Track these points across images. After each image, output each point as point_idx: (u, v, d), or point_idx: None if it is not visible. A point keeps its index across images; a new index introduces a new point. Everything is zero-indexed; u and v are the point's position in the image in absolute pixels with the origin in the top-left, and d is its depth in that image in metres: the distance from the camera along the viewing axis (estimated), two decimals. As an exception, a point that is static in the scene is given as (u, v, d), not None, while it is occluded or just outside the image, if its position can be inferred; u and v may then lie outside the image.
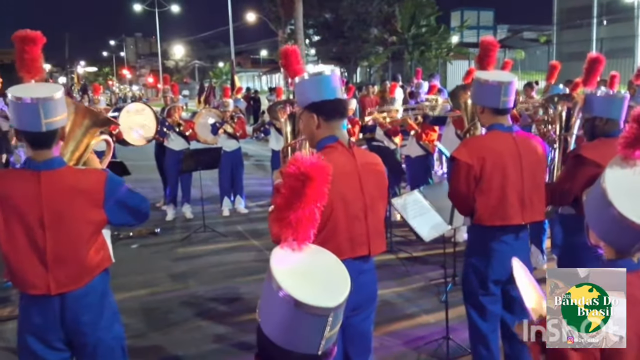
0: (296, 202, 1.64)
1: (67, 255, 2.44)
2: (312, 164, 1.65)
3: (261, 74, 53.94)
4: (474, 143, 3.26)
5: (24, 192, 2.40)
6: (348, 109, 2.70)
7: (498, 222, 3.13)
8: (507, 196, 3.11)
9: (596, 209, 1.76)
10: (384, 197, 2.75)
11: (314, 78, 2.60)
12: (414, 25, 29.11)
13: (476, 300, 3.30)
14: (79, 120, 2.75)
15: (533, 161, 3.18)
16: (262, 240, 7.22)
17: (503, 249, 3.16)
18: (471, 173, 3.10)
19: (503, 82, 3.11)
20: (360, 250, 2.58)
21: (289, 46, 2.93)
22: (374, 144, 6.97)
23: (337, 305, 1.51)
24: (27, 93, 2.36)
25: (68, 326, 2.49)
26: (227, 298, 5.48)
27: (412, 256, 6.40)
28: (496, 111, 3.16)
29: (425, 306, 5.11)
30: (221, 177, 8.62)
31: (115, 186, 2.54)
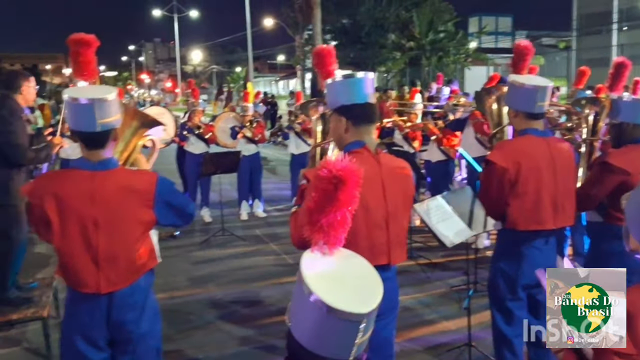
0: (328, 205, 1.64)
1: (118, 255, 2.49)
2: (345, 167, 1.64)
3: (278, 79, 54.11)
4: (509, 147, 3.22)
5: (79, 192, 2.45)
6: (378, 114, 2.68)
7: (533, 226, 3.11)
8: (542, 201, 3.09)
9: (638, 214, 1.74)
10: (408, 206, 2.70)
11: (345, 81, 2.56)
12: (432, 31, 28.98)
13: (503, 305, 3.26)
14: (128, 121, 2.81)
15: (565, 166, 3.16)
16: (281, 244, 7.22)
17: (534, 253, 3.14)
18: (506, 177, 3.08)
19: (539, 87, 3.09)
20: (380, 260, 2.52)
21: (324, 46, 2.91)
22: (393, 148, 6.94)
23: (370, 311, 1.50)
24: (83, 94, 2.42)
25: (113, 324, 2.54)
26: (247, 301, 5.48)
27: (432, 262, 6.36)
28: (530, 115, 3.14)
29: (446, 313, 5.07)
30: (240, 181, 8.65)
31: (165, 187, 2.59)
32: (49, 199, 2.43)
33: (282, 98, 33.98)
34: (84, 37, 2.65)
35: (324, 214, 1.65)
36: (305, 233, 1.72)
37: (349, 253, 1.73)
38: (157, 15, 44.08)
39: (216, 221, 8.12)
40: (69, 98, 2.42)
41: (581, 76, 6.47)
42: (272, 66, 57.30)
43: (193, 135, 8.32)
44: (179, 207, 2.66)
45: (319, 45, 16.80)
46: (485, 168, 3.24)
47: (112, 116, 2.46)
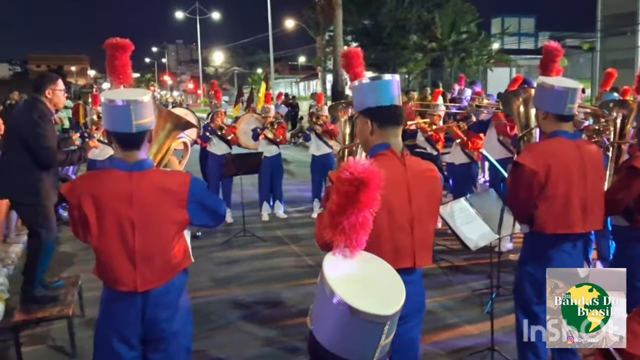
0: (349, 208, 1.64)
1: (154, 254, 2.54)
2: (366, 169, 1.64)
3: (299, 80, 54.23)
4: (538, 149, 3.18)
5: (116, 192, 2.50)
6: (405, 117, 2.66)
7: (562, 229, 3.08)
8: (572, 204, 3.06)
9: None
10: (435, 209, 2.68)
11: (371, 83, 2.56)
12: (454, 32, 28.85)
13: (529, 309, 3.23)
14: (161, 123, 2.87)
15: (595, 169, 3.13)
16: (301, 246, 7.24)
17: (562, 257, 3.11)
18: (536, 179, 3.05)
19: (570, 89, 3.07)
20: (404, 262, 2.50)
21: (352, 48, 2.91)
22: (416, 150, 6.90)
23: (393, 313, 1.50)
24: (119, 96, 2.48)
25: (147, 322, 2.58)
26: (268, 302, 5.50)
27: (455, 265, 6.32)
28: (560, 117, 3.11)
29: (468, 317, 5.02)
30: (261, 182, 8.69)
31: (198, 188, 2.64)
32: (87, 198, 2.48)
33: (303, 99, 34.06)
34: (120, 41, 2.73)
35: (345, 216, 1.65)
36: (327, 235, 1.72)
37: (370, 256, 1.73)
38: (180, 17, 44.51)
39: (238, 222, 8.16)
40: (105, 100, 2.48)
41: (608, 78, 6.38)
42: (292, 67, 57.46)
43: (215, 136, 8.38)
44: (211, 208, 2.69)
45: (340, 46, 16.85)
46: (514, 170, 3.20)
47: (147, 117, 2.51)
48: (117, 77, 2.69)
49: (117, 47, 2.70)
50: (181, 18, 44.82)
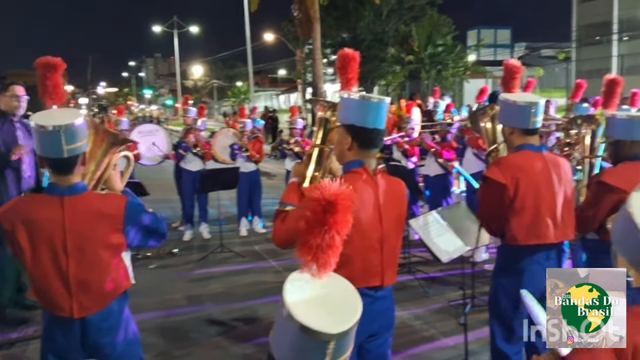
0: (318, 228, 1.65)
1: (89, 280, 2.49)
2: (336, 192, 1.64)
3: (279, 93, 54.29)
4: (506, 163, 3.23)
5: (48, 217, 2.45)
6: (384, 141, 2.68)
7: (533, 241, 3.12)
8: (541, 215, 3.11)
9: (624, 235, 1.72)
10: (401, 227, 2.72)
11: (362, 102, 2.54)
12: (431, 45, 29.16)
13: (504, 321, 3.26)
14: (99, 142, 2.79)
15: (563, 180, 3.18)
16: (280, 261, 7.21)
17: (535, 268, 3.14)
18: (505, 193, 3.10)
19: (532, 103, 3.15)
20: (373, 281, 2.54)
21: (350, 50, 2.85)
22: (391, 163, 6.95)
23: (338, 332, 1.51)
24: (49, 120, 2.41)
25: (89, 348, 2.54)
26: (246, 319, 5.46)
27: (431, 277, 6.34)
28: (526, 131, 3.18)
29: (444, 328, 5.04)
30: (239, 197, 8.66)
31: (135, 210, 2.59)
32: (20, 225, 2.44)
33: (283, 112, 34.07)
34: (51, 60, 2.63)
35: (313, 236, 1.66)
36: (297, 252, 1.73)
37: (336, 277, 1.74)
38: (158, 31, 44.39)
39: (215, 238, 8.12)
40: (35, 125, 2.40)
41: (578, 89, 6.49)
42: (273, 80, 57.55)
43: (190, 153, 8.33)
44: (150, 229, 2.66)
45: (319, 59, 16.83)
46: (484, 185, 3.25)
47: (79, 141, 2.44)
48: (50, 98, 2.61)
49: (48, 67, 2.61)
50: (159, 32, 44.73)
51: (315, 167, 2.89)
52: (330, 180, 2.53)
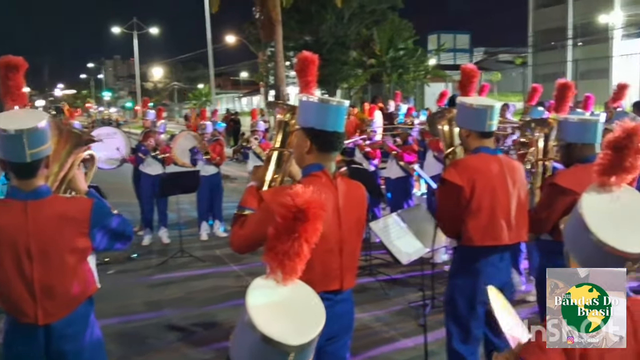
0: (286, 235, 1.62)
1: (55, 286, 2.43)
2: (307, 200, 1.62)
3: (241, 96, 53.95)
4: (463, 165, 3.27)
5: (11, 223, 2.38)
6: (343, 144, 2.67)
7: (489, 242, 3.17)
8: (496, 217, 3.16)
9: (575, 237, 1.75)
10: (361, 231, 2.71)
11: (320, 105, 2.52)
12: (392, 48, 29.47)
13: (460, 322, 3.29)
14: (63, 142, 2.72)
15: (517, 183, 3.24)
16: (241, 265, 7.14)
17: (490, 269, 3.20)
18: (462, 194, 3.14)
19: (488, 106, 3.21)
20: (332, 285, 2.53)
21: (309, 54, 2.81)
22: (353, 166, 6.98)
23: (299, 344, 1.50)
24: (11, 123, 2.32)
25: (53, 355, 2.46)
26: (205, 324, 5.39)
27: (392, 279, 6.38)
28: (482, 134, 3.24)
29: (404, 330, 5.07)
30: (199, 201, 8.55)
31: (101, 213, 2.54)
32: None
33: (245, 114, 33.89)
34: (12, 60, 2.54)
35: (281, 242, 1.64)
36: (263, 257, 1.72)
37: (300, 284, 1.72)
38: (117, 32, 43.62)
39: (174, 242, 8.00)
40: None
41: (533, 93, 6.64)
42: (235, 82, 57.18)
43: (149, 156, 8.18)
44: (117, 232, 2.61)
45: (281, 61, 16.78)
46: (441, 186, 3.29)
47: (43, 145, 2.37)
48: (12, 99, 2.53)
49: (10, 67, 2.53)
50: (118, 33, 43.95)
51: (275, 170, 2.87)
52: (295, 184, 2.54)
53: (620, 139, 1.73)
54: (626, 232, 1.66)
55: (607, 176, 1.76)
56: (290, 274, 1.66)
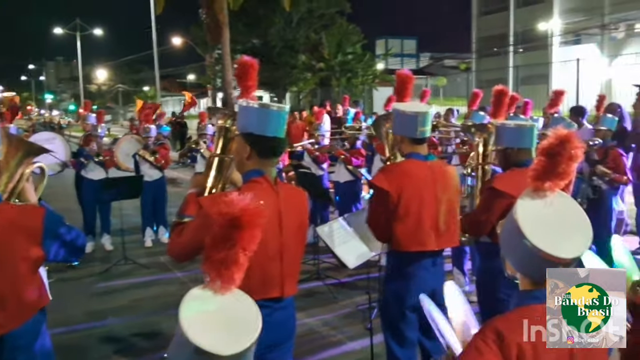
0: (223, 243, 1.59)
1: (6, 295, 2.34)
2: (245, 208, 1.59)
3: (188, 99, 53.17)
4: (392, 170, 3.32)
5: None
6: (285, 149, 2.65)
7: (415, 247, 3.21)
8: (423, 222, 3.20)
9: (510, 241, 1.77)
10: (303, 237, 2.69)
11: (260, 110, 2.47)
12: (341, 53, 29.69)
13: (394, 326, 3.32)
14: (12, 152, 2.64)
15: (447, 188, 3.28)
16: (185, 272, 7.00)
17: (422, 274, 3.23)
18: (389, 200, 3.16)
19: (419, 113, 3.24)
20: (272, 292, 2.49)
21: (248, 58, 2.77)
22: (301, 170, 6.97)
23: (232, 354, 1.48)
24: None
25: None
26: (149, 333, 5.27)
27: (340, 282, 6.39)
28: (414, 140, 3.27)
29: (351, 333, 5.09)
30: (143, 207, 8.34)
31: (53, 222, 2.47)
32: None
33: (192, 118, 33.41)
34: None
35: (218, 251, 1.60)
36: (202, 267, 1.68)
37: (238, 293, 1.69)
38: (59, 33, 42.31)
39: (117, 249, 7.78)
40: None
41: (474, 98, 6.80)
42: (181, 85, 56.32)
43: (92, 161, 7.93)
44: (69, 242, 2.54)
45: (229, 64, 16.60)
46: (372, 192, 3.32)
47: None
48: None
49: None
50: (61, 34, 42.64)
51: (216, 177, 2.83)
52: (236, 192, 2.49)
53: (554, 145, 1.77)
54: (559, 238, 1.69)
55: (541, 182, 1.79)
56: (228, 282, 1.64)
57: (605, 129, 6.03)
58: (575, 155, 1.77)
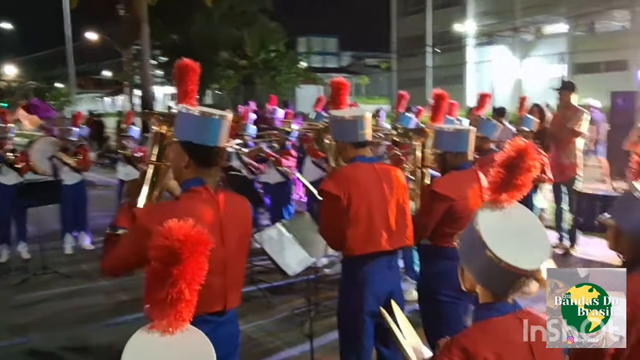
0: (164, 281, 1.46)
1: None
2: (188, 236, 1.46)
3: (104, 95, 51.20)
4: (339, 175, 3.30)
5: None
6: (224, 158, 2.53)
7: (368, 249, 3.20)
8: (375, 223, 3.20)
9: (471, 252, 1.78)
10: (246, 247, 2.60)
11: (202, 119, 2.34)
12: (264, 50, 29.55)
13: (350, 334, 3.29)
14: None
15: (395, 189, 3.30)
16: (112, 280, 6.68)
17: (377, 278, 3.23)
18: (339, 204, 3.15)
19: (359, 117, 3.27)
20: (215, 306, 2.39)
21: (188, 61, 2.62)
22: (231, 173, 6.82)
23: None
24: None
25: None
26: (75, 347, 5.00)
27: (274, 286, 6.31)
28: (356, 144, 3.28)
29: (289, 338, 5.02)
30: (63, 212, 7.90)
31: None
32: None
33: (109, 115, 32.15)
34: None
35: (159, 290, 1.47)
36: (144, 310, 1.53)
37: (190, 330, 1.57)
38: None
39: (36, 258, 7.31)
40: None
41: (400, 100, 6.89)
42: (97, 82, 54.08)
43: (4, 164, 7.40)
44: None
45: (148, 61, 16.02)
46: (321, 198, 3.29)
47: None
48: None
49: None
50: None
51: (150, 185, 2.69)
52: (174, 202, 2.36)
53: (512, 158, 1.79)
54: (519, 249, 1.71)
55: (499, 194, 1.81)
56: (177, 322, 1.50)
57: (527, 130, 6.30)
58: (532, 167, 1.80)
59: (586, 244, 7.11)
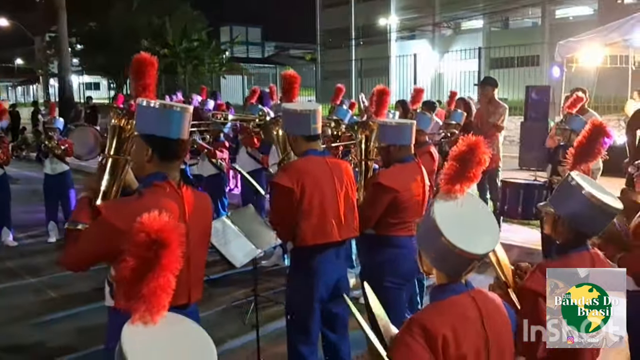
0: (149, 273, 1.50)
1: None
2: (164, 227, 1.51)
3: (16, 84, 48.50)
4: (292, 168, 3.38)
5: None
6: (187, 150, 2.53)
7: (321, 240, 3.30)
8: (326, 215, 3.31)
9: (427, 239, 1.93)
10: (207, 241, 2.65)
11: (163, 111, 2.35)
12: (185, 39, 28.94)
13: (300, 323, 3.39)
14: None
15: (344, 182, 3.42)
16: (39, 277, 6.45)
17: (326, 268, 3.34)
18: (292, 197, 3.23)
19: (311, 111, 3.35)
20: (179, 300, 2.37)
21: (146, 55, 2.58)
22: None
23: None
24: None
25: None
26: (7, 348, 4.79)
27: (211, 278, 6.28)
28: (308, 138, 3.36)
29: (231, 330, 5.03)
30: (-18, 208, 7.51)
31: None
32: None
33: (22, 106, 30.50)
34: None
35: (145, 283, 1.51)
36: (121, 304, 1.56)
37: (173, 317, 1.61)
38: None
39: (-46, 257, 6.93)
40: None
41: (338, 93, 7.03)
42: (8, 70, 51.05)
43: None
44: None
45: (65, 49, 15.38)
46: (272, 191, 3.36)
47: None
48: None
49: None
50: None
51: (109, 179, 2.67)
52: (136, 197, 2.36)
53: (464, 152, 1.95)
54: (471, 235, 1.87)
55: (452, 185, 1.96)
56: (159, 311, 1.55)
57: (455, 123, 6.60)
58: (483, 160, 1.96)
59: (507, 230, 7.52)
